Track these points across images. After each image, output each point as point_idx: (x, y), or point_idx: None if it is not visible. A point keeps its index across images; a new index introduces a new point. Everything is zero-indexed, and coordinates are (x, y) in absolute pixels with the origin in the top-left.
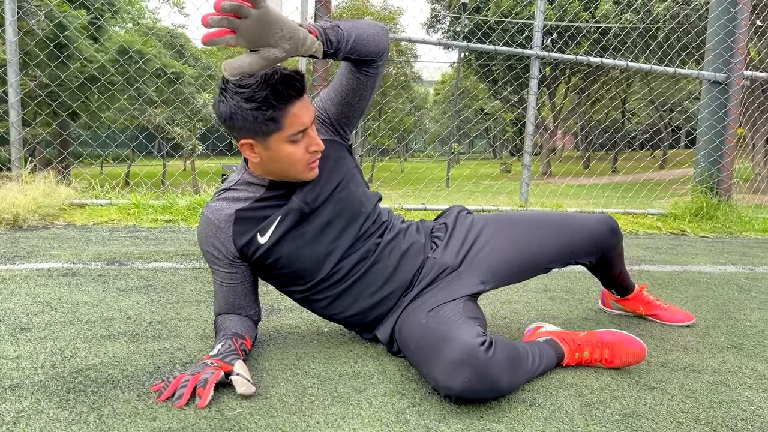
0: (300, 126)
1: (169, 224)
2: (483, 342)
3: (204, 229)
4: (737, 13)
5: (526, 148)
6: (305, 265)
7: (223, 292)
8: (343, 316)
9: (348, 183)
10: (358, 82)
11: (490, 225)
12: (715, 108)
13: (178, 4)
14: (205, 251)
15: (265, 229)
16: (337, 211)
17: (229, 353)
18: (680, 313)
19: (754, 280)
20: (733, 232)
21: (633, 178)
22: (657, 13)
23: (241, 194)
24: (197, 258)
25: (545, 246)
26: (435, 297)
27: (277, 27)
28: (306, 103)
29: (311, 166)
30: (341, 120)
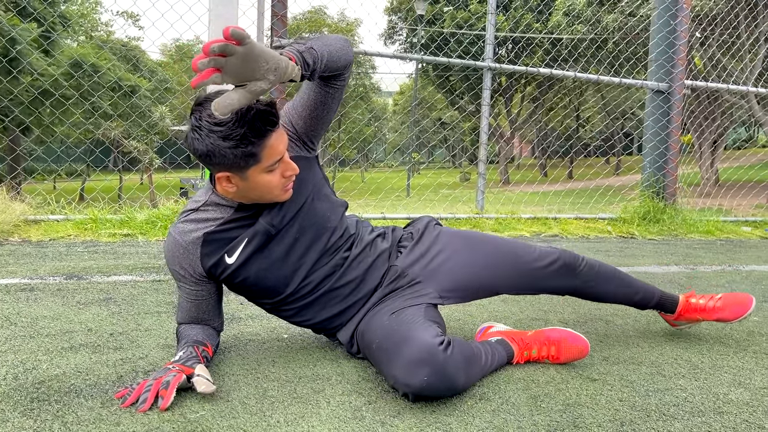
0: (277, 156)
1: (127, 238)
2: (441, 342)
3: (171, 250)
4: (677, 25)
5: (480, 157)
6: (273, 282)
7: (187, 306)
8: (310, 323)
9: (314, 200)
10: (327, 95)
11: (457, 242)
12: (659, 116)
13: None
14: (172, 269)
15: (233, 251)
16: (303, 230)
17: (190, 358)
18: (737, 305)
19: (695, 278)
20: (678, 234)
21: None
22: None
23: (209, 215)
24: (157, 270)
25: (506, 276)
26: (396, 302)
27: (262, 61)
28: (280, 132)
29: (286, 189)
30: (309, 133)
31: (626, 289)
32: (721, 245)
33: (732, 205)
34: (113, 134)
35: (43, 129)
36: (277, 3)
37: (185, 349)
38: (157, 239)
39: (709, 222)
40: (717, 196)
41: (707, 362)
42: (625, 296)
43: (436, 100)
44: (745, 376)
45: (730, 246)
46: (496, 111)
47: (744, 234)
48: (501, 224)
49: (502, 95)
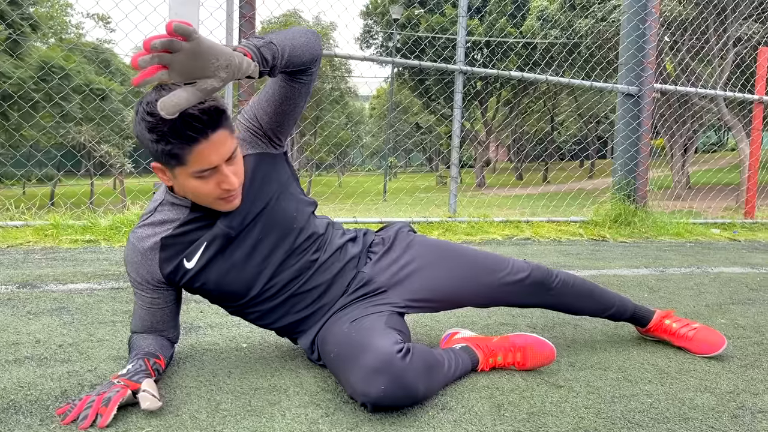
0: (206, 165)
1: (89, 245)
2: (400, 350)
3: (129, 255)
4: (646, 29)
5: (452, 160)
6: (234, 287)
7: (142, 314)
8: (273, 327)
9: (279, 199)
10: (293, 90)
11: (428, 253)
12: (630, 119)
13: (103, 18)
14: (130, 276)
15: (192, 255)
16: (267, 230)
17: (138, 372)
18: (706, 342)
19: (664, 281)
20: (649, 237)
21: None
22: (578, 29)
23: (166, 216)
24: (117, 278)
25: (476, 291)
26: (358, 309)
27: (212, 57)
28: (217, 141)
29: (226, 200)
30: (275, 129)
31: (600, 305)
32: (691, 247)
33: (702, 208)
34: (82, 138)
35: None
36: (245, 4)
37: (135, 362)
38: (120, 245)
39: (679, 224)
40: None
41: (674, 366)
42: (598, 311)
43: (412, 104)
44: (711, 380)
45: (700, 248)
46: (473, 116)
47: (713, 236)
48: (473, 228)
49: (476, 99)
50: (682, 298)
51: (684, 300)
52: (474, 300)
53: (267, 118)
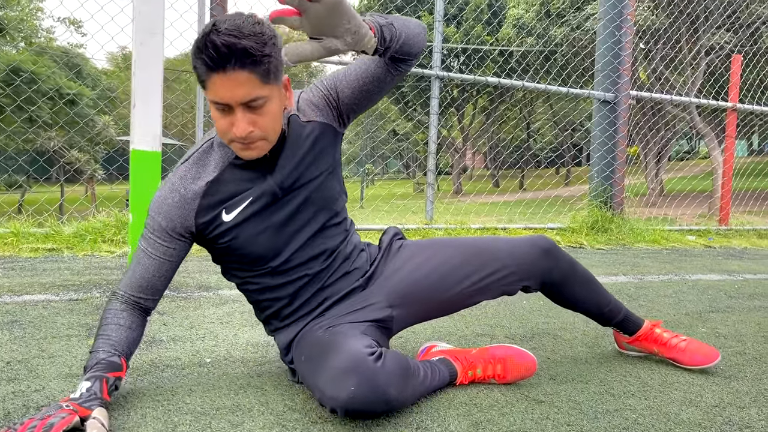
0: (216, 98)
1: (51, 253)
2: (372, 352)
3: (165, 197)
4: (621, 36)
5: (429, 166)
6: (261, 251)
7: (145, 265)
8: (268, 308)
9: (329, 176)
10: (387, 75)
11: (414, 248)
12: (606, 126)
13: (75, 23)
14: (155, 219)
15: (233, 207)
16: (309, 202)
17: (92, 399)
18: (699, 353)
19: (643, 288)
20: (626, 244)
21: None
22: (554, 37)
23: (213, 156)
24: (77, 288)
25: (466, 269)
26: (340, 313)
27: (345, 18)
28: (234, 79)
29: (241, 145)
30: (351, 106)
31: (600, 297)
32: (668, 254)
33: (677, 215)
34: (52, 144)
35: None
36: (216, 6)
37: (92, 383)
38: (84, 254)
39: (656, 231)
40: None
41: (657, 379)
42: (596, 305)
43: (388, 110)
44: (695, 393)
45: (676, 255)
46: (449, 123)
47: (689, 243)
48: (450, 235)
49: (453, 106)
50: (661, 306)
51: (664, 308)
52: (471, 283)
53: (349, 92)
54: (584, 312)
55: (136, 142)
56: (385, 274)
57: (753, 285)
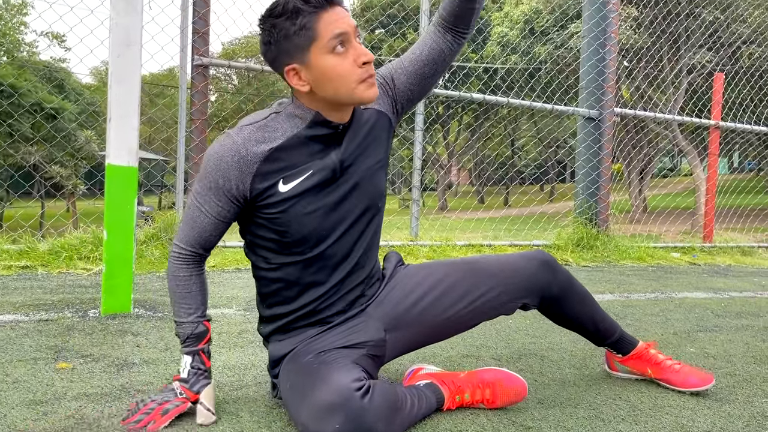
0: (336, 29)
1: (24, 271)
2: (360, 387)
3: (224, 153)
4: (606, 54)
5: (414, 183)
6: (306, 231)
7: (202, 224)
8: (280, 307)
9: (379, 169)
10: (445, 44)
11: (406, 270)
12: (591, 143)
13: (58, 37)
14: (209, 174)
15: (291, 178)
16: (358, 191)
17: (198, 377)
18: (694, 375)
19: (629, 307)
20: (611, 261)
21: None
22: (538, 55)
23: (279, 125)
24: (48, 308)
25: (463, 288)
26: (333, 339)
27: None
28: (341, 11)
29: (368, 82)
30: (406, 94)
31: (596, 313)
32: (653, 271)
33: (661, 231)
34: (33, 159)
35: None
36: (198, 20)
37: (192, 357)
38: (59, 271)
39: (641, 248)
40: (647, 223)
41: (647, 402)
42: (593, 321)
43: None
44: (687, 417)
45: (662, 272)
46: (434, 139)
47: (673, 260)
48: (435, 252)
49: (437, 123)
50: (649, 326)
51: (651, 327)
52: (468, 303)
53: (405, 78)
54: (581, 329)
55: (112, 156)
56: (380, 297)
57: (739, 303)
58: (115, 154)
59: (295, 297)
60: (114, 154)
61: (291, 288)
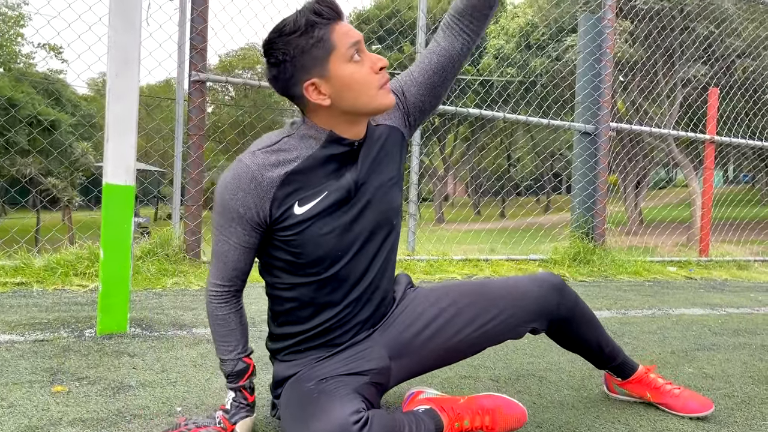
0: (352, 38)
1: (20, 288)
2: (359, 420)
3: (239, 181)
4: (601, 69)
5: (411, 197)
6: (322, 252)
7: (234, 255)
8: (292, 327)
9: (393, 185)
10: (458, 43)
11: (414, 294)
12: (587, 157)
13: (55, 49)
14: (228, 205)
15: (307, 200)
16: (374, 205)
17: (239, 410)
18: (694, 400)
19: (627, 324)
20: (608, 276)
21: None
22: (534, 68)
23: (292, 145)
24: (44, 327)
25: (471, 313)
26: (337, 365)
27: None
28: (348, 25)
29: (386, 88)
30: (418, 106)
31: (601, 336)
32: (650, 286)
33: (657, 244)
34: (29, 171)
35: None
36: (196, 36)
37: (235, 393)
38: (55, 288)
39: (637, 262)
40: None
41: (646, 426)
42: (598, 345)
43: None
44: None
45: (658, 288)
46: (431, 151)
47: (670, 274)
48: (432, 266)
49: (434, 135)
50: (647, 344)
51: (649, 346)
52: (475, 328)
53: (415, 89)
54: (586, 352)
55: (110, 175)
56: (388, 322)
57: (736, 320)
58: (113, 173)
59: (308, 317)
60: (111, 172)
61: (305, 308)
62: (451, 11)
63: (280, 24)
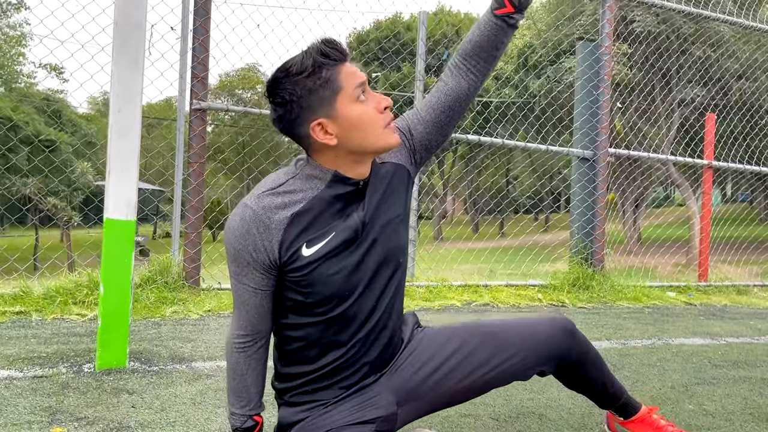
0: (358, 79)
1: (19, 317)
2: None
3: (248, 226)
4: (599, 95)
5: (410, 222)
6: (329, 292)
7: (255, 302)
8: (299, 367)
9: (400, 223)
10: (465, 82)
11: (423, 337)
12: (585, 183)
13: (56, 69)
14: (240, 251)
15: (315, 241)
16: (381, 243)
17: None
18: None
19: (627, 356)
20: (607, 302)
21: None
22: (532, 89)
23: (297, 186)
24: (43, 362)
25: (482, 356)
26: (343, 414)
27: None
28: (354, 67)
29: (391, 127)
30: (424, 144)
31: (606, 378)
32: (649, 314)
33: (656, 264)
34: (27, 190)
35: None
36: (197, 65)
37: None
38: (54, 317)
39: (636, 288)
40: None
41: None
42: (603, 386)
43: None
44: None
45: (658, 315)
46: (430, 169)
47: (669, 300)
48: (431, 293)
49: (436, 156)
50: (647, 378)
51: (649, 380)
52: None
53: (422, 128)
54: (591, 393)
55: (110, 210)
56: (396, 365)
57: (736, 351)
58: (114, 208)
59: (315, 357)
60: (113, 207)
61: (312, 348)
62: (458, 52)
63: (285, 64)
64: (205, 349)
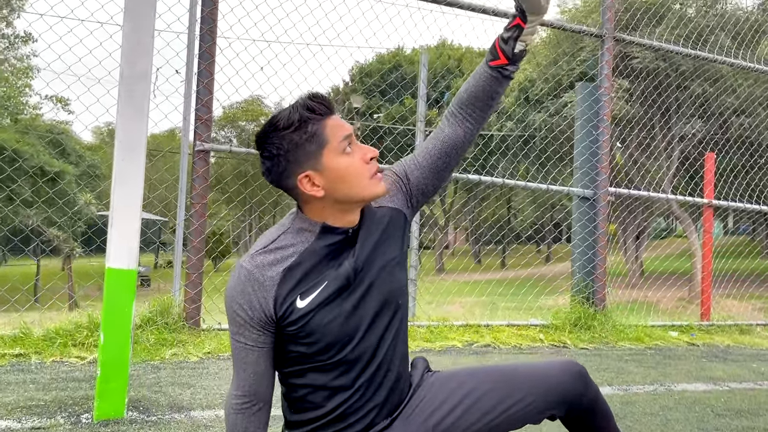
0: (344, 132)
1: (18, 360)
2: None
3: (243, 285)
4: (599, 135)
5: (411, 262)
6: (330, 339)
7: (252, 359)
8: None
9: (396, 265)
10: (462, 130)
11: (435, 380)
12: (586, 222)
13: (62, 101)
14: (236, 310)
15: (308, 293)
16: (377, 287)
17: None
18: None
19: (629, 404)
20: (609, 342)
21: (521, 273)
22: (534, 123)
23: (288, 241)
24: (41, 410)
25: (493, 399)
26: None
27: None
28: (340, 120)
29: (377, 178)
30: (421, 188)
31: (614, 429)
32: (652, 356)
33: (659, 299)
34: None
35: None
36: (201, 107)
37: None
38: (53, 360)
39: (638, 327)
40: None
41: None
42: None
43: None
44: None
45: (660, 357)
46: (432, 200)
47: (672, 340)
48: (433, 333)
49: None
50: (649, 429)
51: (651, 431)
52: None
53: (418, 173)
54: None
55: (112, 259)
56: (408, 410)
57: (739, 398)
58: (116, 256)
59: (322, 402)
60: (114, 256)
61: (318, 393)
62: (455, 101)
63: (273, 119)
64: (204, 396)
